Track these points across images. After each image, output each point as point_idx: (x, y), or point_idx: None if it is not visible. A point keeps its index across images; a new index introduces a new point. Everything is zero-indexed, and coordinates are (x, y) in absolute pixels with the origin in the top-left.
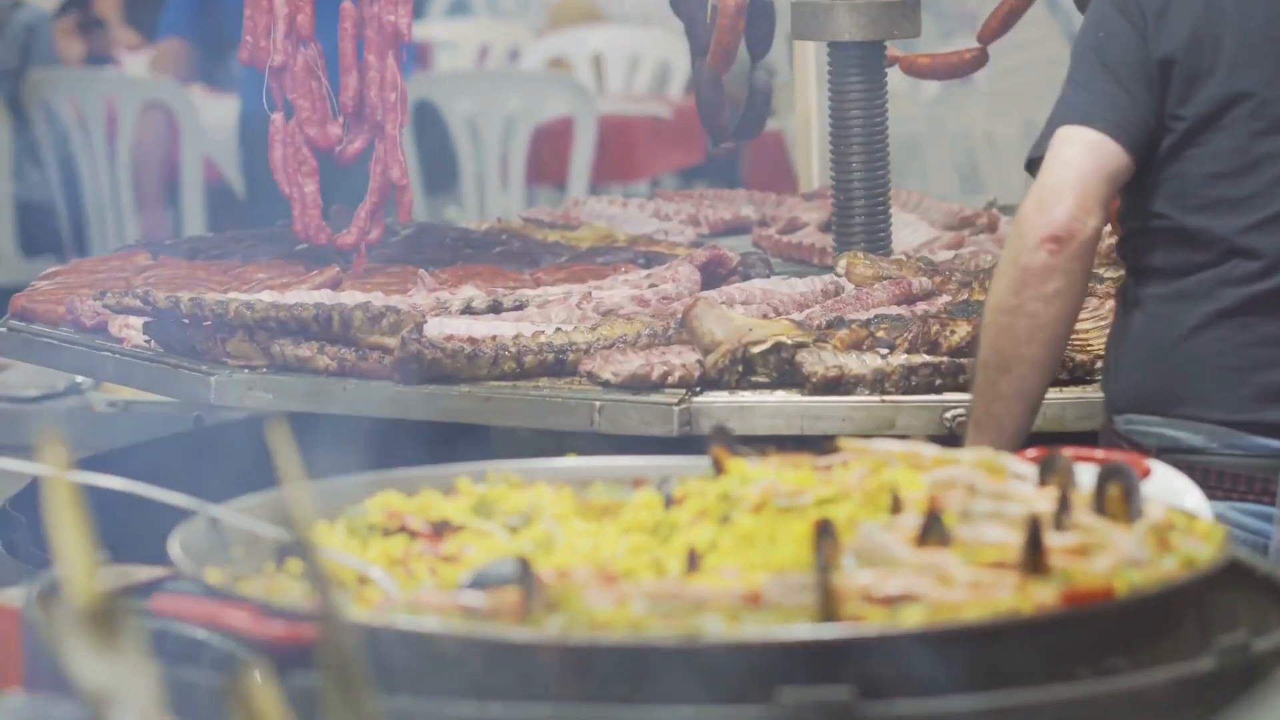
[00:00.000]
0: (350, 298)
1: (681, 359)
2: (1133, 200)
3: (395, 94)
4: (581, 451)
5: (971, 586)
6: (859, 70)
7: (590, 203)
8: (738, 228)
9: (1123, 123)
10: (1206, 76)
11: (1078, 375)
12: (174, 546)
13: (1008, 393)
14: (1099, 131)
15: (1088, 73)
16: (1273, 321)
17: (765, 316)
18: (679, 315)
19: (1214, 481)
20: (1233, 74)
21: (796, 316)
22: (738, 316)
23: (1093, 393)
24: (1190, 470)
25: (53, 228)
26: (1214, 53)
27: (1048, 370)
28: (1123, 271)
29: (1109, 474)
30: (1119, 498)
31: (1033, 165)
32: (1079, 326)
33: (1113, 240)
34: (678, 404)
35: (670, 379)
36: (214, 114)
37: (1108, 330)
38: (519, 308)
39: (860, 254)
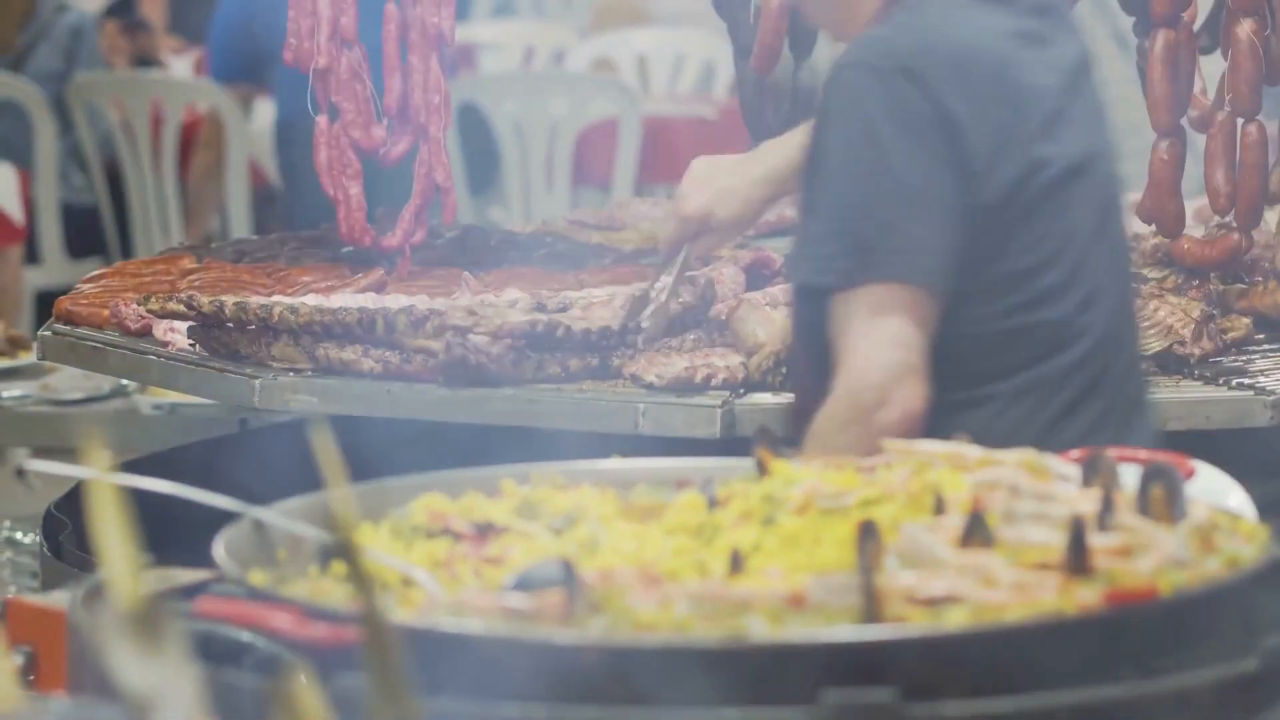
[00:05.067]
0: (395, 301)
1: (725, 361)
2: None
3: (439, 96)
4: (625, 453)
5: (1015, 588)
6: None
7: (635, 204)
8: (783, 229)
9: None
10: None
11: None
12: (218, 549)
13: None
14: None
15: None
16: (1100, 399)
17: None
18: (723, 317)
19: None
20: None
21: None
22: (781, 318)
23: None
24: None
25: (98, 230)
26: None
27: None
28: (1168, 272)
29: (1152, 475)
30: (1162, 498)
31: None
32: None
33: (1157, 241)
34: (721, 406)
35: (714, 381)
36: (259, 115)
37: (1154, 331)
38: (563, 310)
39: None
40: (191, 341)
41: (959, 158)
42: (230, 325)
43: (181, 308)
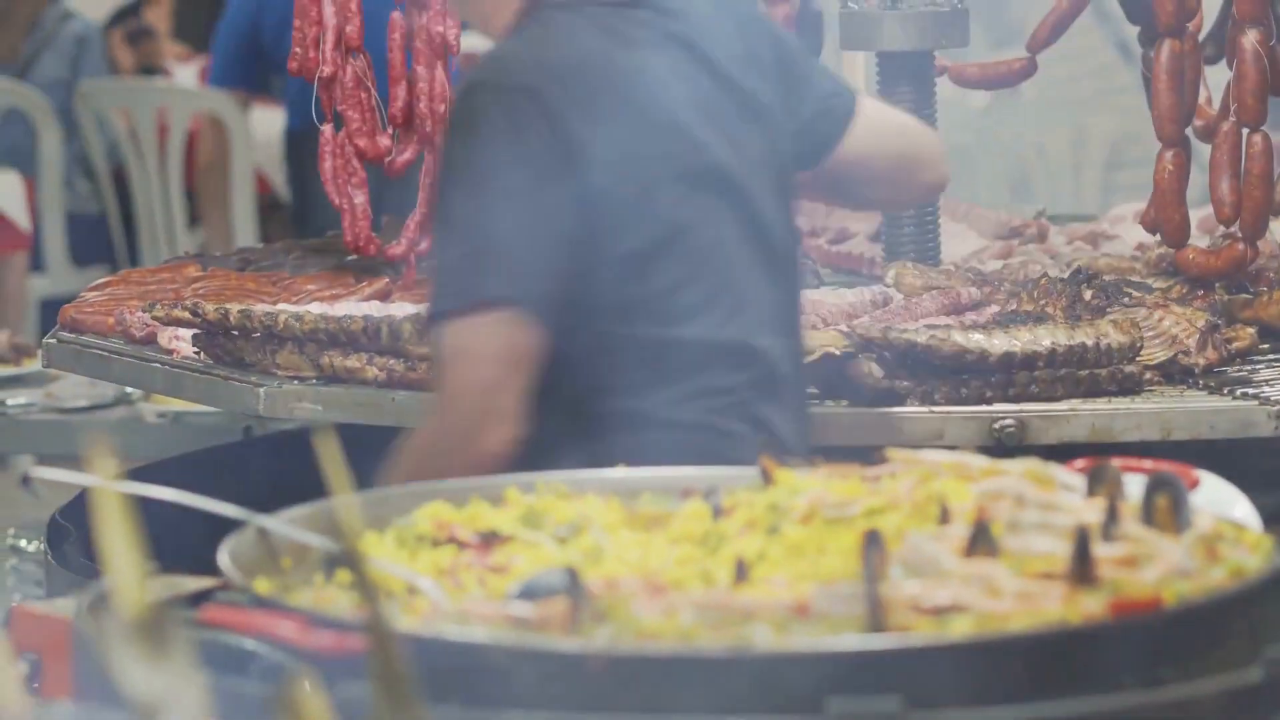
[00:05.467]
0: (400, 309)
1: None
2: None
3: (444, 105)
4: (630, 462)
5: (1019, 597)
6: (908, 80)
7: None
8: None
9: None
10: None
11: (1126, 387)
12: (223, 557)
13: None
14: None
15: None
16: (763, 405)
17: (814, 327)
18: None
19: None
20: None
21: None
22: None
23: (1140, 404)
24: None
25: (103, 238)
26: None
27: None
28: (1173, 282)
29: (1157, 484)
30: (1167, 508)
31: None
32: (1130, 338)
33: (1161, 250)
34: None
35: None
36: (262, 125)
37: (1159, 341)
38: None
39: (909, 264)
40: (196, 349)
41: (580, 179)
42: (235, 333)
43: (187, 315)
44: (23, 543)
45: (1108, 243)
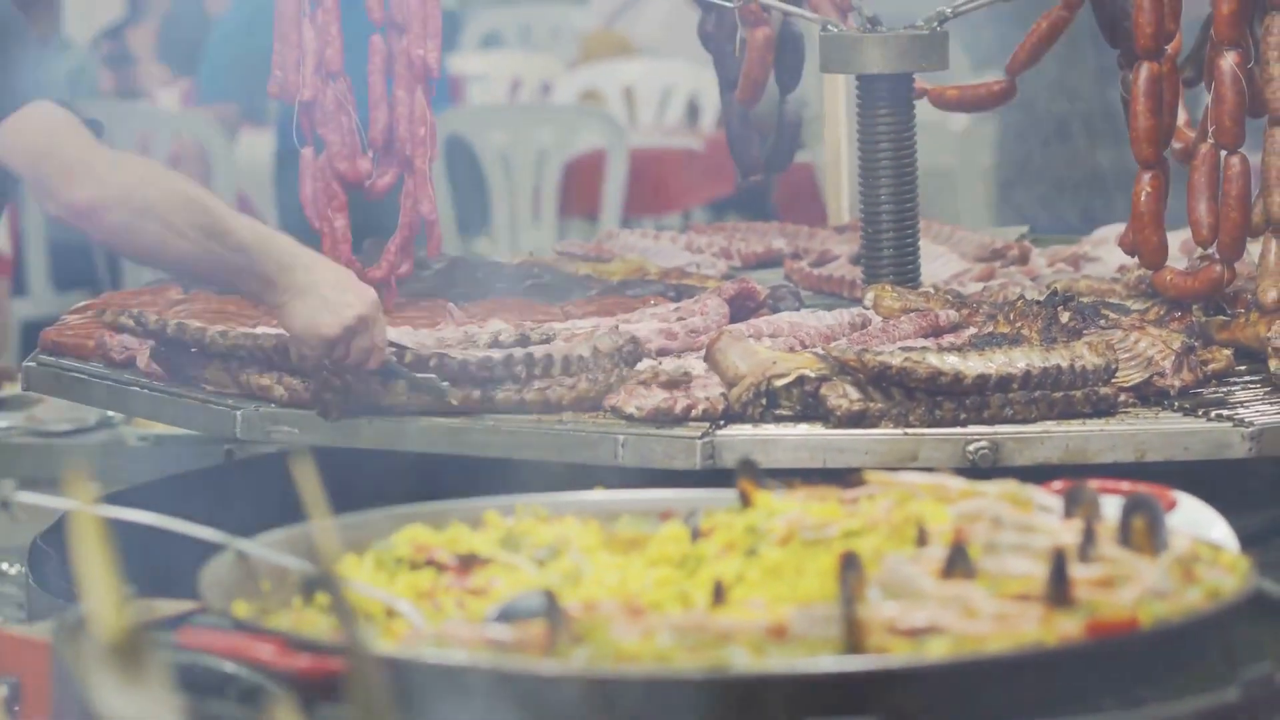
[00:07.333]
0: None
1: (705, 392)
2: None
3: (425, 128)
4: (609, 485)
5: (996, 618)
6: (887, 103)
7: (622, 235)
8: (770, 260)
9: None
10: None
11: (1101, 409)
12: (202, 580)
13: None
14: None
15: None
16: None
17: (791, 349)
18: (703, 349)
19: None
20: None
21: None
22: (762, 350)
23: (1115, 425)
24: None
25: (85, 262)
26: None
27: None
28: (1151, 304)
29: (1134, 506)
30: (1144, 530)
31: None
32: (1104, 360)
33: (1141, 272)
34: (701, 437)
35: (694, 412)
36: (248, 148)
37: (1134, 363)
38: (546, 341)
39: (888, 286)
40: (151, 362)
41: None
42: (178, 345)
43: (131, 323)
44: (4, 566)
45: (1090, 265)
